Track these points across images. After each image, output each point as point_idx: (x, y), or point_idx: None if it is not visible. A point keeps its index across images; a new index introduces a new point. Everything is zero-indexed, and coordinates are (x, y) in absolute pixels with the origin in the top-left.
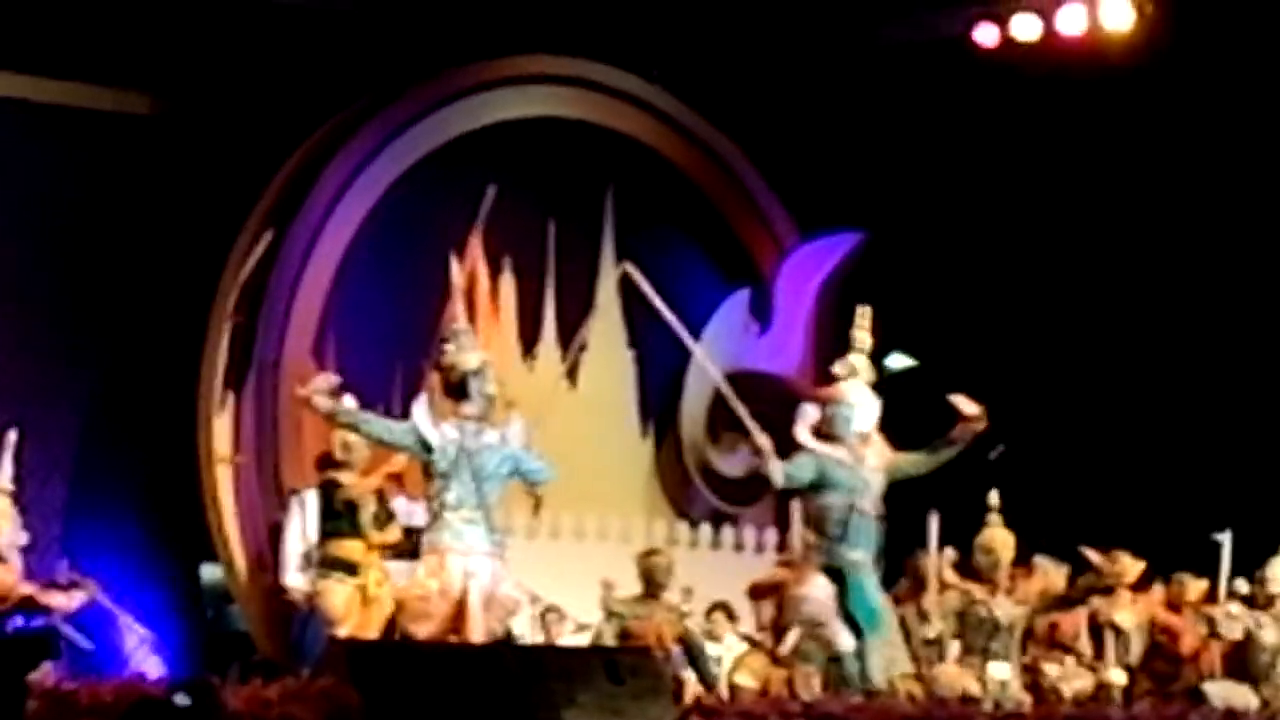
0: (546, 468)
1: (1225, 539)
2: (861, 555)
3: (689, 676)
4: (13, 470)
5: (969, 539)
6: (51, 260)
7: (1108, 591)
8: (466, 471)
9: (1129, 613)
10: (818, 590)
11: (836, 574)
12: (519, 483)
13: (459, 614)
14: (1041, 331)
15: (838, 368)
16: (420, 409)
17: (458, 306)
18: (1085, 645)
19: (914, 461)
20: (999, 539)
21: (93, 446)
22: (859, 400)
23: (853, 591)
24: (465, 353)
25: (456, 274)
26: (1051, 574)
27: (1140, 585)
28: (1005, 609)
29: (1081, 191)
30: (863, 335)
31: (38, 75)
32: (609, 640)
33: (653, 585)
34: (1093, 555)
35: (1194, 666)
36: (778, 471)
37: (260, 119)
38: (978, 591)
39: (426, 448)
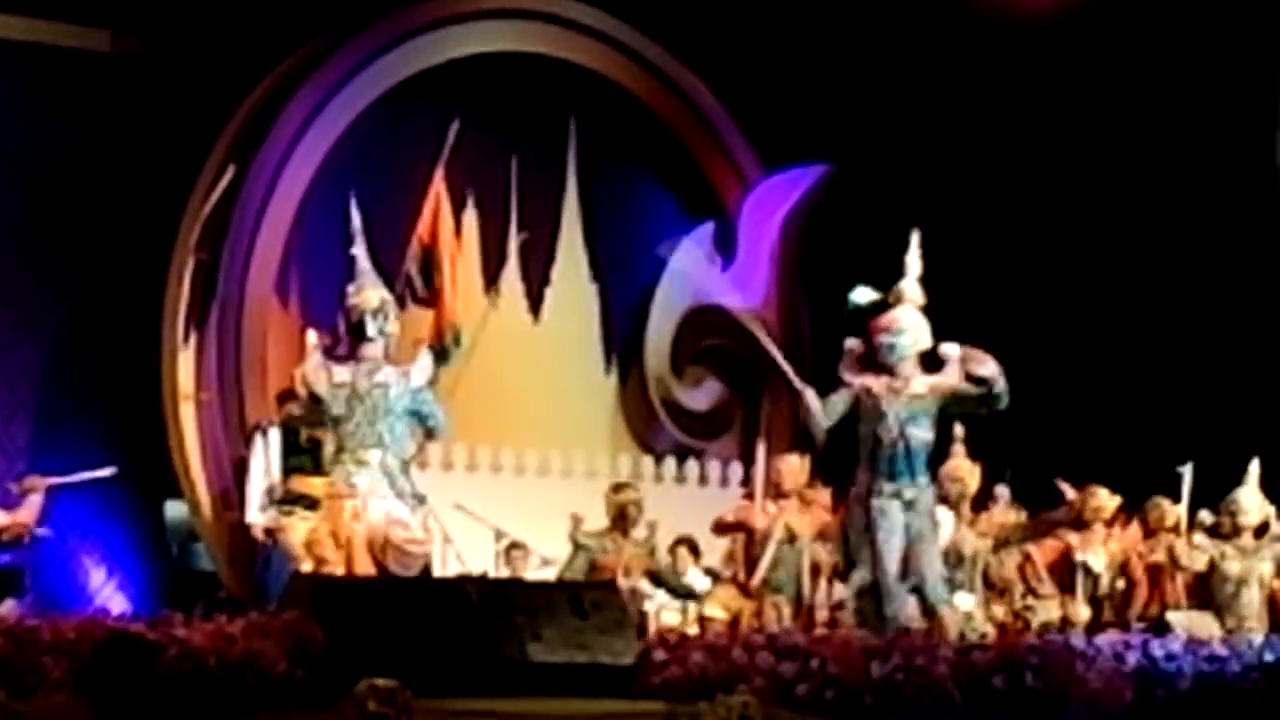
0: (440, 415)
1: (1187, 471)
2: (910, 487)
3: (668, 604)
4: None
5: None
6: (11, 198)
7: (1080, 527)
8: (360, 412)
9: (1102, 551)
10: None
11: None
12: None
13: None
14: (1007, 264)
15: (889, 295)
16: (310, 362)
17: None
18: (1049, 584)
19: (963, 397)
20: (964, 469)
21: (56, 385)
22: (909, 325)
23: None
24: (364, 292)
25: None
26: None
27: (1113, 520)
28: (970, 540)
29: (1046, 122)
30: (913, 260)
31: None
32: (578, 574)
33: (622, 519)
34: (1068, 490)
35: (1157, 596)
36: (819, 417)
37: (222, 54)
38: None
39: (315, 399)
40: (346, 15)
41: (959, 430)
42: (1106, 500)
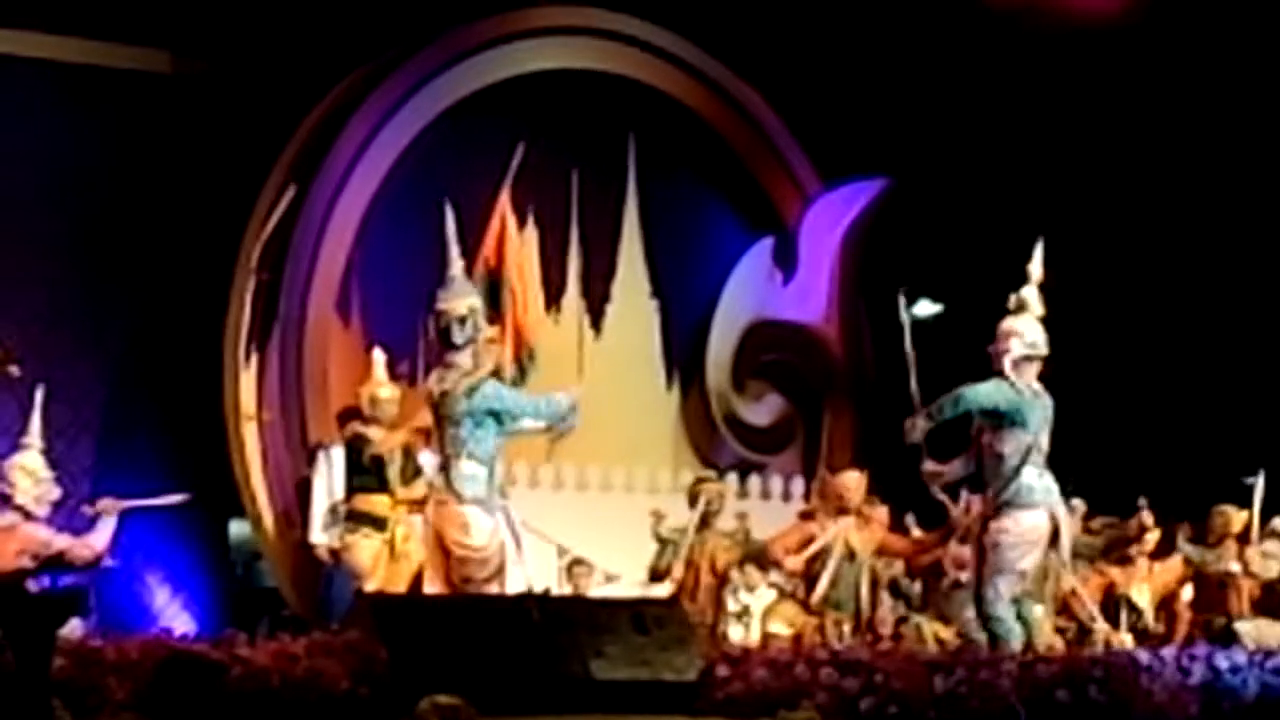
0: (520, 401)
1: (1260, 479)
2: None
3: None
4: (42, 429)
5: None
6: (75, 220)
7: (1124, 557)
8: (441, 420)
9: (1145, 587)
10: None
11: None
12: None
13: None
14: (1067, 276)
15: (1010, 302)
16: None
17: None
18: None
19: None
20: None
21: (119, 405)
22: (1029, 334)
23: None
24: (454, 300)
25: (451, 230)
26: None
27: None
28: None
29: (1105, 135)
30: (1035, 268)
31: (59, 34)
32: (668, 566)
33: (705, 513)
34: (1146, 517)
35: (1227, 606)
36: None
37: (281, 74)
38: None
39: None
40: (406, 34)
41: None
42: (1151, 532)
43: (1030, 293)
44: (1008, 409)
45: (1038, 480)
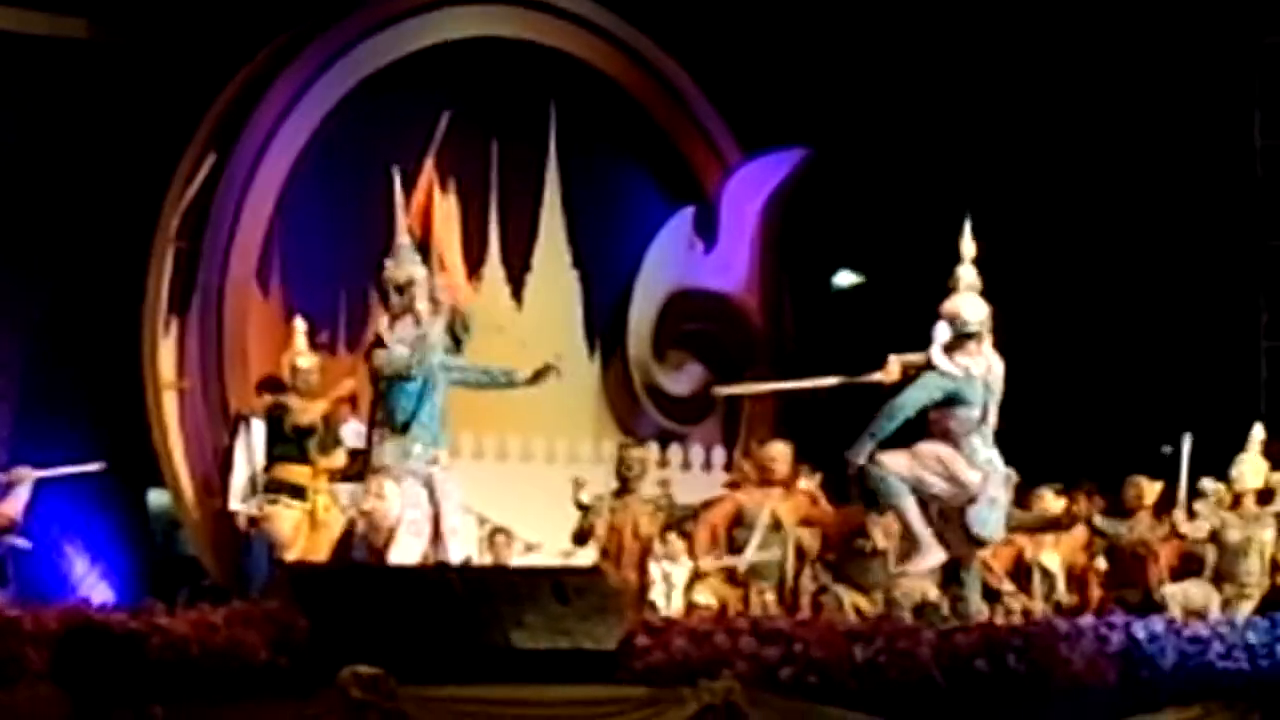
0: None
1: (1186, 441)
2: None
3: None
4: None
5: None
6: None
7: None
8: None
9: (1054, 553)
10: None
11: None
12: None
13: None
14: (988, 245)
15: (950, 280)
16: None
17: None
18: (1009, 584)
19: None
20: None
21: (37, 375)
22: (964, 312)
23: None
24: (400, 268)
25: (399, 196)
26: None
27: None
28: None
29: (1027, 101)
30: (966, 244)
31: None
32: (590, 527)
33: (627, 478)
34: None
35: (1145, 577)
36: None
37: (200, 42)
38: None
39: None
40: (326, 2)
41: None
42: (1052, 502)
43: (963, 270)
44: (943, 397)
45: (981, 452)
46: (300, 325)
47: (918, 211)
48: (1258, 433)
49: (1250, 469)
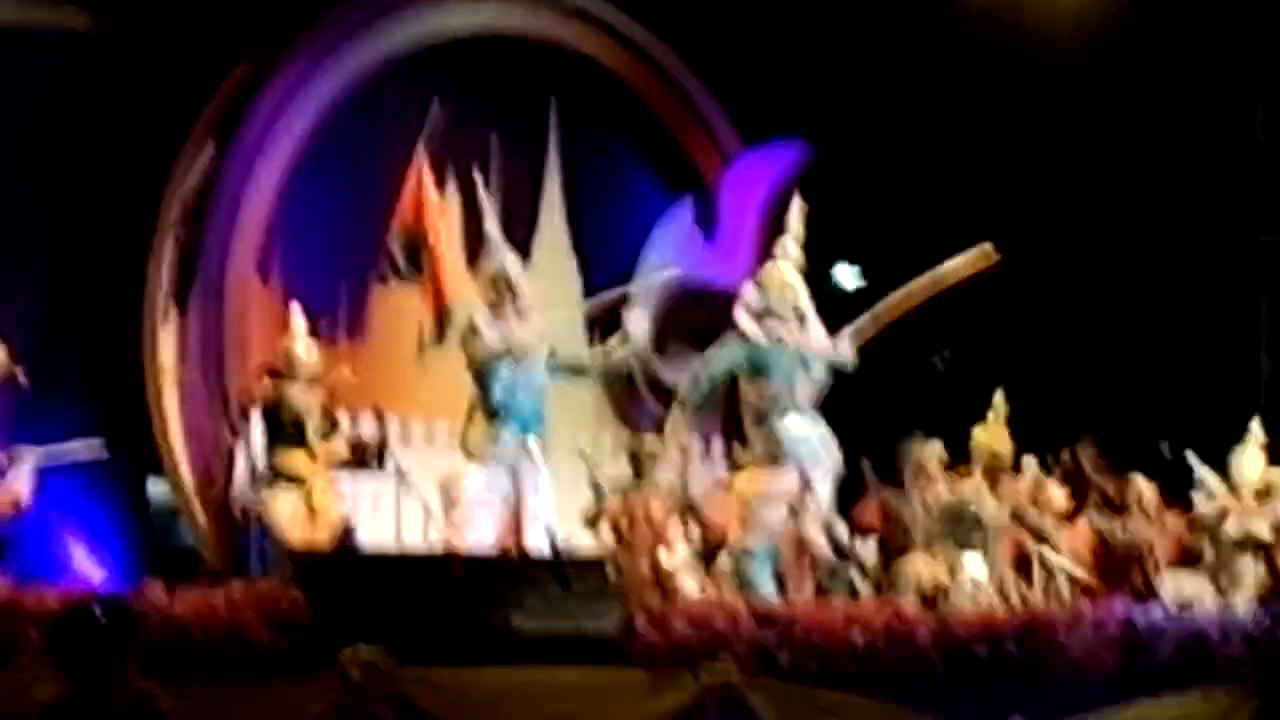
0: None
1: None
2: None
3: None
4: None
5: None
6: None
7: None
8: None
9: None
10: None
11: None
12: None
13: None
14: (990, 239)
15: (776, 249)
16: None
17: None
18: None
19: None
20: (1000, 438)
21: (38, 363)
22: (793, 281)
23: None
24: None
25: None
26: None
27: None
28: (989, 510)
29: (1031, 93)
30: (796, 222)
31: None
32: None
33: (639, 465)
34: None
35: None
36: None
37: (202, 34)
38: (967, 489)
39: None
40: None
41: (999, 399)
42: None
43: (793, 246)
44: (747, 364)
45: (792, 433)
46: (298, 311)
47: (919, 203)
48: (1256, 427)
49: (1248, 463)
